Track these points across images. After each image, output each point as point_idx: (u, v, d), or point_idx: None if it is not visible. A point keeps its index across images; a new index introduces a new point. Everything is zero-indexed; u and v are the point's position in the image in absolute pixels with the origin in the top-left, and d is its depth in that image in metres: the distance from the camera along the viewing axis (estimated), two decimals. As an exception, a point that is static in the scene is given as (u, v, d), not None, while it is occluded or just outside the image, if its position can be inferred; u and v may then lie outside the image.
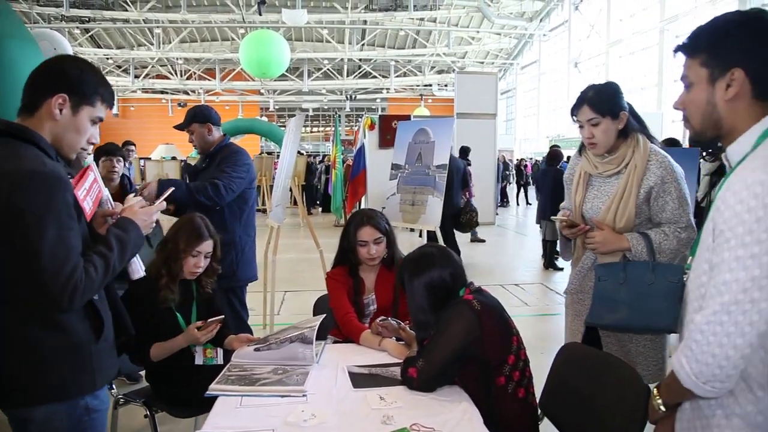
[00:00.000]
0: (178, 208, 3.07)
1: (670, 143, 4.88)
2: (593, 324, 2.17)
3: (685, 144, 6.89)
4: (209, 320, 2.33)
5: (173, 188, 2.11)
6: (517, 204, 18.19)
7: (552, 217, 2.36)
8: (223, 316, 2.39)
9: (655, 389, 1.43)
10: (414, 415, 1.72)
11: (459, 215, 7.32)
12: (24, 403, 1.54)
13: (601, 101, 2.21)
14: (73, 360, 1.56)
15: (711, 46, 1.27)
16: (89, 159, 2.25)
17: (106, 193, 1.75)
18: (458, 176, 7.42)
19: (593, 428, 1.90)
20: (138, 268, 1.78)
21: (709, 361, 1.17)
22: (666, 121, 13.33)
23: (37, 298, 1.45)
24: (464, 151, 9.61)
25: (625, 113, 2.21)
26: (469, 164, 9.68)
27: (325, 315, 2.39)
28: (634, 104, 2.33)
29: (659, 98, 16.32)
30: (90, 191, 1.64)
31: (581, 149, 2.39)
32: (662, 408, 1.39)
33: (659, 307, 1.89)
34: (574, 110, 2.30)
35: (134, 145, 8.00)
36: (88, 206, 1.60)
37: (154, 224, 1.78)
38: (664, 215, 2.16)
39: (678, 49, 1.36)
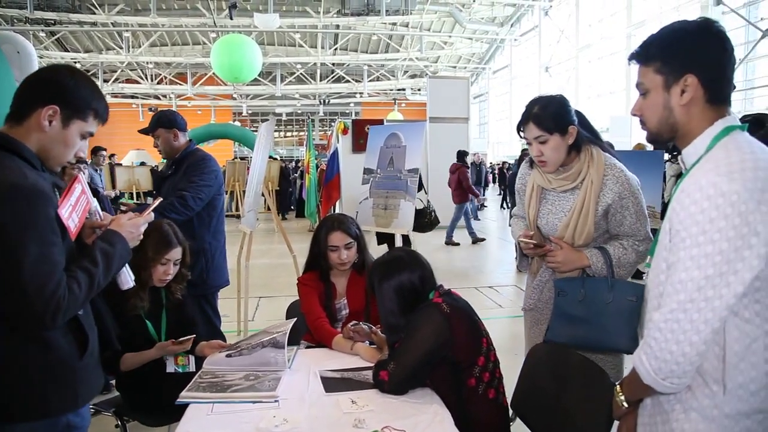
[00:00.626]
0: None
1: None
2: (553, 341, 2.15)
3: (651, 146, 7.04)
4: (180, 339, 2.31)
5: (161, 199, 2.06)
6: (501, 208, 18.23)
7: (519, 239, 2.26)
8: (194, 336, 2.36)
9: (618, 386, 1.47)
10: (385, 419, 1.73)
11: (422, 216, 7.47)
12: (3, 420, 1.49)
13: (548, 117, 2.10)
14: (55, 377, 1.51)
15: (664, 54, 1.32)
16: (83, 172, 2.19)
17: (94, 203, 1.71)
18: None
19: (563, 427, 1.93)
20: (127, 279, 1.74)
21: (667, 358, 1.21)
22: (635, 124, 13.59)
23: (19, 315, 1.40)
24: (461, 155, 10.01)
25: (574, 127, 2.11)
26: (467, 167, 9.83)
27: (296, 318, 2.38)
28: (603, 108, 2.28)
29: (628, 102, 16.62)
30: (77, 205, 1.59)
31: (532, 162, 2.28)
32: (625, 404, 1.43)
33: (616, 328, 1.91)
34: (521, 126, 2.19)
35: (105, 150, 7.90)
36: (73, 224, 1.55)
37: (141, 237, 1.74)
38: (622, 229, 2.13)
39: (632, 57, 1.42)
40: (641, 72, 1.38)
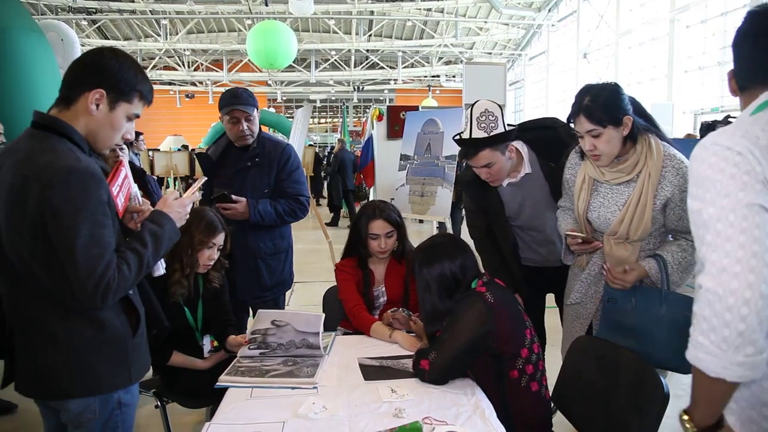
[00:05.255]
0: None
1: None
2: None
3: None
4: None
5: (204, 179, 2.01)
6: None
7: (566, 232, 2.20)
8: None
9: (684, 414, 1.18)
10: (426, 409, 1.71)
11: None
12: (59, 396, 1.56)
13: (600, 109, 1.96)
14: (109, 355, 1.56)
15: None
16: (123, 153, 2.18)
17: (135, 189, 1.73)
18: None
19: (607, 422, 1.87)
20: (159, 266, 1.74)
21: (727, 318, 1.01)
22: (677, 112, 13.15)
23: (72, 295, 1.43)
24: None
25: (629, 118, 1.97)
26: None
27: (324, 315, 2.25)
28: (644, 95, 2.16)
29: (669, 89, 16.11)
30: (122, 188, 1.62)
31: (583, 153, 2.15)
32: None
33: (667, 344, 1.81)
34: (571, 118, 2.06)
35: (142, 134, 8.01)
36: (120, 202, 1.59)
37: (188, 216, 1.75)
38: (681, 224, 1.99)
39: None
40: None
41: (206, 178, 2.00)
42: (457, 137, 2.34)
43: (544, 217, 2.46)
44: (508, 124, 2.31)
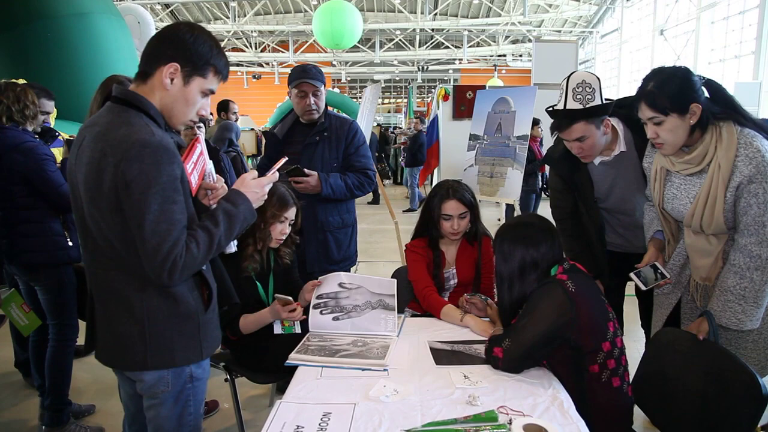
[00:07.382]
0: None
1: None
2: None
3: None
4: (285, 302, 2.26)
5: (286, 158, 2.01)
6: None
7: (631, 273, 2.15)
8: (298, 303, 2.30)
9: (760, 430, 1.22)
10: (501, 397, 1.64)
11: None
12: (134, 367, 1.58)
13: (664, 96, 1.83)
14: (182, 329, 1.57)
15: None
16: (199, 131, 2.19)
17: (210, 166, 1.72)
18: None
19: (691, 423, 1.75)
20: (231, 244, 1.74)
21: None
22: (764, 92, 12.25)
23: (144, 270, 1.45)
24: None
25: (697, 106, 1.82)
26: None
27: (396, 280, 2.26)
28: (728, 74, 1.95)
29: (756, 66, 15.02)
30: (197, 165, 1.62)
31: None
32: None
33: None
34: (635, 104, 1.94)
35: (212, 114, 8.22)
36: (194, 180, 1.58)
37: (266, 197, 1.72)
38: (745, 219, 1.83)
39: None
40: None
41: (287, 158, 1.97)
42: (551, 109, 2.25)
43: (634, 201, 2.34)
44: (606, 98, 2.19)
